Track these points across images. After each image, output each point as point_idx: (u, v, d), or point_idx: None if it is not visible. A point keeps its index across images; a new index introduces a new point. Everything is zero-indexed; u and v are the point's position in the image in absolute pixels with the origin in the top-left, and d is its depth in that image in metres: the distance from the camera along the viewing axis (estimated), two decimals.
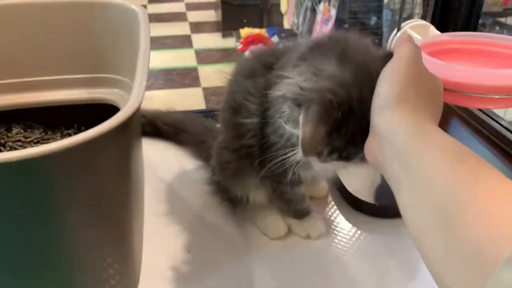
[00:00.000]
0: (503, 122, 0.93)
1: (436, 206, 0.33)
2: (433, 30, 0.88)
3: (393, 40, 0.88)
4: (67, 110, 0.74)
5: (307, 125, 0.45)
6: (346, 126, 0.47)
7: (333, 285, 0.63)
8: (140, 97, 0.49)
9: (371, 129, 0.45)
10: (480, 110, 0.98)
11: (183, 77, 3.49)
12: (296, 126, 0.50)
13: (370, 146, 0.45)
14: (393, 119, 0.41)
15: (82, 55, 0.81)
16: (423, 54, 0.69)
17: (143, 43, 0.59)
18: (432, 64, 0.67)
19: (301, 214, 0.71)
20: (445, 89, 0.65)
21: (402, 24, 0.87)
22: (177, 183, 0.84)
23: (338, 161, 0.51)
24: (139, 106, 0.48)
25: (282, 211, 0.72)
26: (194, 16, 4.74)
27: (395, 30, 0.88)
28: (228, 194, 0.74)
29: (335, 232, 0.72)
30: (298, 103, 0.48)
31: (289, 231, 0.72)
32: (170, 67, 3.60)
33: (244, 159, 0.66)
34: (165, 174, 0.86)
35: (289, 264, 0.67)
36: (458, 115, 1.01)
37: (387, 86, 0.43)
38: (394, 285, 0.63)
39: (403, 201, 0.38)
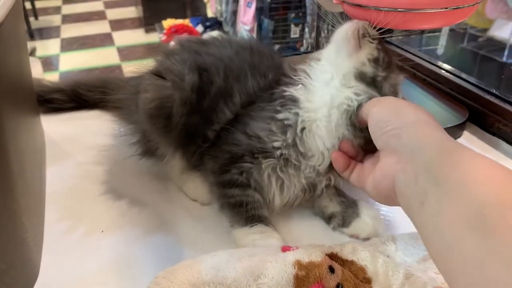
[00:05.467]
0: (437, 63, 0.89)
1: (472, 211, 0.32)
2: None
3: None
4: None
5: None
6: None
7: None
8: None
9: (381, 153, 0.46)
10: (414, 54, 0.94)
11: None
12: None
13: (382, 169, 0.45)
14: (417, 136, 0.42)
15: None
16: None
17: None
18: None
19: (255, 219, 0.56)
20: (381, 9, 0.60)
21: None
22: (95, 158, 0.72)
23: None
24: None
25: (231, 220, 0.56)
26: (114, 13, 4.53)
27: None
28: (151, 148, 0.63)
29: None
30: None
31: None
32: (92, 67, 3.38)
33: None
34: (82, 149, 0.74)
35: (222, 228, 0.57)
36: None
37: (393, 111, 0.46)
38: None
39: (429, 211, 0.36)
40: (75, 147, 0.75)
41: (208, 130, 0.59)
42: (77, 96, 0.84)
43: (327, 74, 0.55)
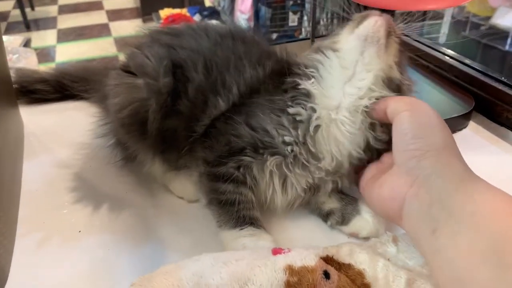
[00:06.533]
0: (441, 49, 0.85)
1: (487, 244, 0.32)
2: None
3: None
4: None
5: None
6: None
7: None
8: None
9: (394, 167, 0.44)
10: (417, 40, 0.89)
11: None
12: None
13: (392, 189, 0.43)
14: (439, 163, 0.40)
15: None
16: None
17: None
18: None
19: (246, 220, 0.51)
20: None
21: None
22: (75, 154, 0.67)
23: None
24: None
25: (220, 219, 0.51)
26: (111, 4, 4.47)
27: None
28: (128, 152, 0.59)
29: None
30: None
31: None
32: (89, 57, 3.34)
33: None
34: (64, 144, 0.69)
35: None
36: None
37: (423, 128, 0.43)
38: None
39: (441, 240, 0.36)
40: (56, 141, 0.70)
41: (196, 126, 0.53)
42: (61, 87, 0.79)
43: (348, 70, 0.49)
